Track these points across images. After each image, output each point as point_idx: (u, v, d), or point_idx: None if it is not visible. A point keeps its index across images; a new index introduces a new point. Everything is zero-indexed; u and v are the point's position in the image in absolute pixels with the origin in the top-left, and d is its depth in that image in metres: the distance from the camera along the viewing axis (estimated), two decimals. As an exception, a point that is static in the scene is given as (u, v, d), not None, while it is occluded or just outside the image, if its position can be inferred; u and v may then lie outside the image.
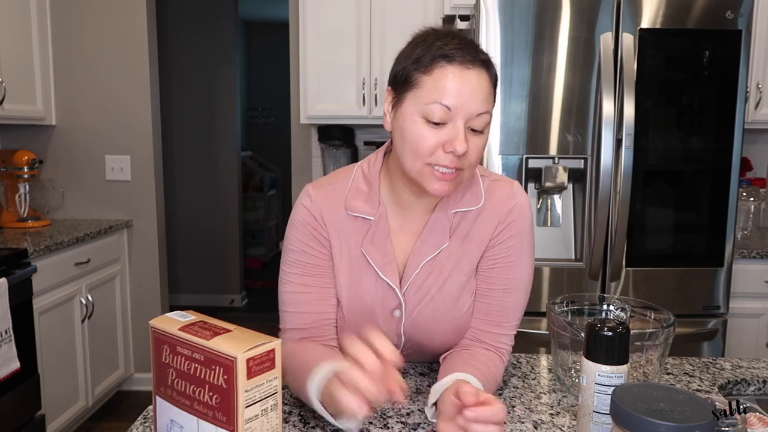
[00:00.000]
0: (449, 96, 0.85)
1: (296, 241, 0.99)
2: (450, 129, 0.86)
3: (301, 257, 0.98)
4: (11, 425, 2.03)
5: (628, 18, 1.92)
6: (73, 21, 2.81)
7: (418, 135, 0.87)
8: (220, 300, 4.50)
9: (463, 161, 0.87)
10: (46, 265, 2.25)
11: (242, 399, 0.63)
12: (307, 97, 2.51)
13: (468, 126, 0.87)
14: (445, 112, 0.85)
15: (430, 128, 0.86)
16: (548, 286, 2.02)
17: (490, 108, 0.88)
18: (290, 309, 0.99)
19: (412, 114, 0.88)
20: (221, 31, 4.26)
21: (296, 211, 1.00)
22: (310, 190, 1.00)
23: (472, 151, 0.88)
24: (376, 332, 0.75)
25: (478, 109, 0.86)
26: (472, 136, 0.87)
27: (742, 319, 2.21)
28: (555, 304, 1.02)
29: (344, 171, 1.04)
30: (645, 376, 0.92)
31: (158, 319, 0.72)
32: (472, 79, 0.85)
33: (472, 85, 0.85)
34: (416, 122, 0.87)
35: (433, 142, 0.86)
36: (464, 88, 0.85)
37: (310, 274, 0.98)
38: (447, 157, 0.86)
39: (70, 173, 2.91)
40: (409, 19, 2.43)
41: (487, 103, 0.88)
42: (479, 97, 0.86)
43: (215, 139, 4.36)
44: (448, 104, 0.85)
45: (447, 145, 0.86)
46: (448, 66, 0.85)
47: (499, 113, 1.96)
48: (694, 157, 2.00)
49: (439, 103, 0.85)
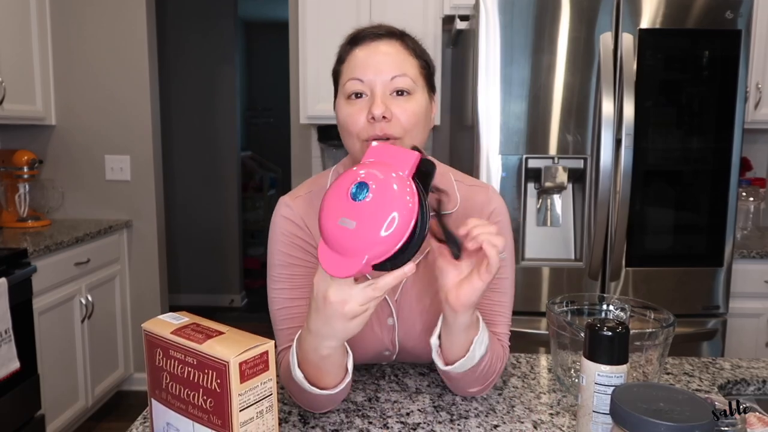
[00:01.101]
0: (361, 69, 0.89)
1: (279, 254, 0.96)
2: (369, 99, 0.89)
3: (286, 270, 0.95)
4: (11, 425, 2.03)
5: (628, 18, 1.92)
6: (73, 21, 2.80)
7: (345, 114, 0.91)
8: (220, 300, 4.50)
9: (393, 127, 0.88)
10: (45, 265, 2.25)
11: (236, 403, 0.63)
12: (306, 97, 2.51)
13: (390, 92, 0.89)
14: (360, 84, 0.89)
15: (353, 104, 0.90)
16: (548, 285, 2.02)
17: (408, 71, 0.89)
18: (283, 326, 0.95)
19: (339, 101, 0.93)
20: (221, 31, 4.26)
21: (276, 223, 0.98)
22: (288, 200, 0.99)
23: (400, 114, 0.88)
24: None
25: (391, 72, 0.88)
26: (396, 101, 0.89)
27: (741, 319, 2.21)
28: (555, 303, 1.02)
29: (319, 178, 1.03)
30: (645, 375, 0.92)
31: (151, 322, 0.71)
32: (380, 48, 0.90)
33: (381, 53, 0.90)
34: (342, 105, 0.92)
35: (359, 117, 0.89)
36: (372, 58, 0.89)
37: (298, 286, 0.95)
38: (375, 126, 0.87)
39: (69, 173, 2.91)
40: (409, 19, 2.42)
41: (403, 66, 0.89)
42: (390, 62, 0.89)
43: (215, 139, 4.36)
44: (360, 77, 0.89)
45: (368, 113, 0.87)
46: (357, 47, 0.92)
47: (498, 113, 1.96)
48: (694, 157, 2.00)
49: (352, 78, 0.90)
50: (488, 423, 0.87)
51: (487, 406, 0.93)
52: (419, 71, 0.92)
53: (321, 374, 0.80)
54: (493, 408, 0.92)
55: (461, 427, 0.86)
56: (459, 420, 0.88)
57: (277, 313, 0.96)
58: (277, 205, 0.99)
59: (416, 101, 0.90)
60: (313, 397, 0.83)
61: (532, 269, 2.01)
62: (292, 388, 0.86)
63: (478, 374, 0.89)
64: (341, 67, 0.93)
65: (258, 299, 4.72)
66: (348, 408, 0.91)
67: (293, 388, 0.86)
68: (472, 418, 0.88)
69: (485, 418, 0.89)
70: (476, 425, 0.86)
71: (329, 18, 2.46)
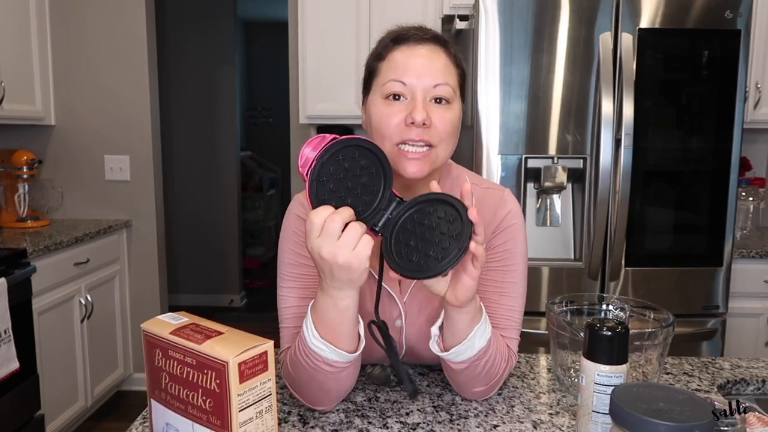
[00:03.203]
0: (402, 71, 0.88)
1: (291, 252, 0.96)
2: (409, 102, 0.87)
3: (296, 269, 0.95)
4: (10, 425, 2.03)
5: (628, 18, 1.92)
6: (73, 21, 2.80)
7: (381, 114, 0.89)
8: (220, 300, 4.50)
9: (431, 134, 0.87)
10: (45, 265, 2.25)
11: (235, 403, 0.63)
12: (306, 97, 2.51)
13: (430, 98, 0.88)
14: (401, 86, 0.87)
15: (390, 105, 0.88)
16: (547, 285, 2.02)
17: (449, 80, 0.89)
18: (290, 324, 0.95)
19: (374, 99, 0.91)
20: (221, 31, 4.26)
21: (289, 222, 0.98)
22: (301, 198, 0.98)
23: (438, 123, 0.87)
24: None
25: (434, 80, 0.87)
26: (436, 108, 0.88)
27: (741, 319, 2.21)
28: (554, 303, 1.02)
29: None
30: (644, 375, 0.92)
31: (150, 322, 0.71)
32: (424, 52, 0.89)
33: (424, 58, 0.88)
34: (378, 104, 0.90)
35: (395, 118, 0.87)
36: (416, 61, 0.88)
37: (308, 286, 0.95)
38: (411, 130, 0.86)
39: (69, 173, 2.91)
40: (409, 19, 2.38)
41: (445, 74, 0.88)
42: (433, 69, 0.88)
43: (215, 139, 4.36)
44: (402, 79, 0.87)
45: (408, 117, 0.86)
46: (399, 47, 0.90)
47: (498, 113, 1.96)
48: (694, 156, 2.00)
49: (393, 80, 0.88)
50: (488, 423, 0.87)
51: (486, 406, 0.93)
52: (458, 81, 0.91)
53: (336, 336, 0.81)
54: (493, 408, 0.92)
55: (461, 427, 0.86)
56: (458, 420, 0.88)
57: (285, 311, 0.96)
58: (292, 201, 1.00)
59: (454, 111, 0.89)
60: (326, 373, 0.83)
61: (532, 269, 2.00)
62: (301, 374, 0.85)
63: (480, 369, 0.87)
64: (380, 65, 0.91)
65: (257, 299, 4.72)
66: (347, 408, 0.91)
67: (302, 374, 0.85)
68: (471, 418, 0.88)
69: (485, 418, 0.89)
70: (476, 425, 0.86)
71: (329, 18, 2.46)
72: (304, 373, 0.85)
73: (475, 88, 1.96)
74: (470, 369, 0.87)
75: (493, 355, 0.88)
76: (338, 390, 0.88)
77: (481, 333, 0.84)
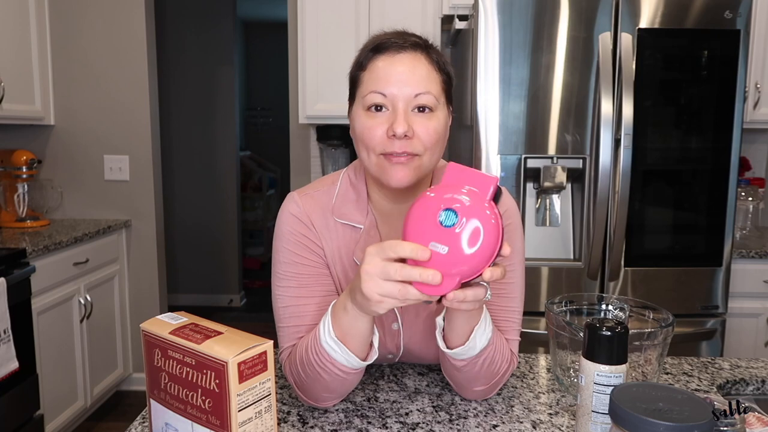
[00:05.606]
0: (382, 82, 0.87)
1: (286, 251, 0.95)
2: (391, 114, 0.87)
3: (292, 268, 0.94)
4: (10, 425, 2.03)
5: (627, 18, 1.92)
6: (72, 21, 2.80)
7: (363, 126, 0.88)
8: (219, 300, 4.50)
9: (414, 145, 0.86)
10: (44, 265, 2.25)
11: (235, 403, 0.63)
12: (305, 97, 2.51)
13: (412, 108, 0.87)
14: (382, 98, 0.87)
15: (372, 117, 0.88)
16: (547, 285, 2.02)
17: (432, 88, 0.87)
18: (287, 324, 0.94)
19: (357, 111, 0.91)
20: (220, 31, 4.26)
21: (283, 220, 0.97)
22: (296, 197, 0.98)
23: (421, 132, 0.86)
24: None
25: (415, 89, 0.86)
26: (418, 118, 0.87)
27: (740, 319, 2.21)
28: (554, 303, 1.02)
29: (329, 178, 1.02)
30: (644, 375, 0.92)
31: (149, 322, 0.71)
32: (405, 61, 0.87)
33: (405, 66, 0.87)
34: (360, 115, 0.89)
35: (378, 130, 0.87)
36: (396, 71, 0.86)
37: (304, 285, 0.94)
38: (394, 142, 0.86)
39: (68, 173, 2.90)
40: (408, 19, 2.42)
41: (427, 82, 0.87)
42: (414, 78, 0.86)
43: (214, 139, 4.36)
44: (383, 90, 0.86)
45: (389, 129, 0.86)
46: (380, 56, 0.88)
47: (497, 113, 1.96)
48: (693, 156, 2.00)
49: (373, 91, 0.87)
50: (487, 423, 0.87)
51: (486, 406, 0.93)
52: (441, 87, 0.90)
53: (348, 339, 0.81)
54: (492, 408, 0.92)
55: (460, 426, 0.86)
56: (458, 420, 0.88)
57: (282, 310, 0.95)
58: (286, 199, 0.99)
59: (438, 119, 0.88)
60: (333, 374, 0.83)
61: (531, 269, 2.00)
62: (308, 372, 0.85)
63: (480, 367, 0.87)
64: (361, 75, 0.90)
65: (257, 299, 4.72)
66: (347, 408, 0.91)
67: (309, 371, 0.85)
68: (471, 418, 0.88)
69: (484, 417, 0.89)
70: (475, 425, 0.86)
71: (328, 18, 2.46)
72: (311, 371, 0.85)
73: (475, 88, 1.96)
74: (471, 366, 0.87)
75: (492, 353, 0.88)
76: (341, 390, 0.88)
77: (483, 332, 0.84)
